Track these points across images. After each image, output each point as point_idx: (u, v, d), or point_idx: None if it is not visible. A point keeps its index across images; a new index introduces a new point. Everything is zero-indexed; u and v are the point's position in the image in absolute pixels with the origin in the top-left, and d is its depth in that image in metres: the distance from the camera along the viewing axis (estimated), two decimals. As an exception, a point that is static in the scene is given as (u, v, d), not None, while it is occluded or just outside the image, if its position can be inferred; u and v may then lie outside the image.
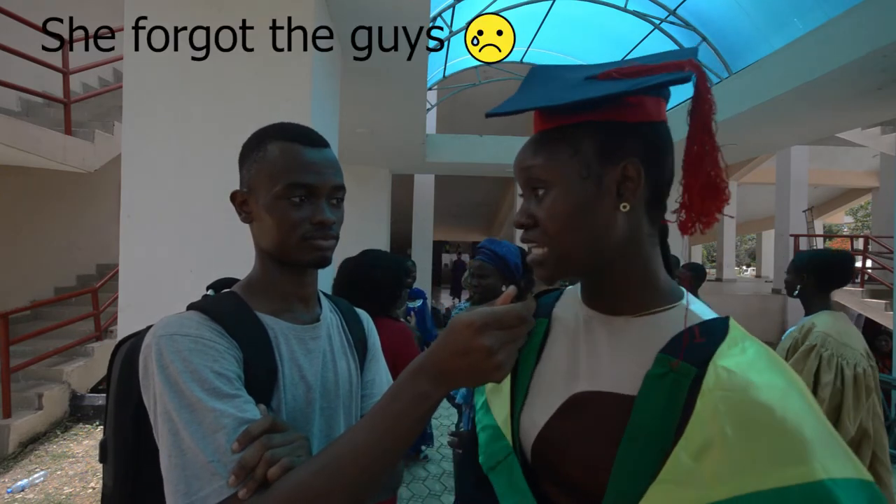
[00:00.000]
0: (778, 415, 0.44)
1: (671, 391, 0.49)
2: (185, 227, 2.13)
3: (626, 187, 0.54)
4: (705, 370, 0.48)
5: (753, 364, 0.48)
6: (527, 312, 0.50)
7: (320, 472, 0.53)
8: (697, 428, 0.46)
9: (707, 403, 0.46)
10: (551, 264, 0.57)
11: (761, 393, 0.45)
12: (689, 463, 0.45)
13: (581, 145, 0.54)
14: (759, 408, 0.44)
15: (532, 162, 0.57)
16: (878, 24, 3.19)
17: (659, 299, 0.57)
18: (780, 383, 0.47)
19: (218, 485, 0.53)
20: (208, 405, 0.56)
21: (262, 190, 0.69)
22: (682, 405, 0.48)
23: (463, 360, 0.49)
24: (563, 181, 0.55)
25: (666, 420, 0.48)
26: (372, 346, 0.87)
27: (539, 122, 0.58)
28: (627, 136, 0.54)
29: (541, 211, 0.56)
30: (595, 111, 0.54)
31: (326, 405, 0.74)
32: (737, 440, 0.44)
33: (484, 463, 0.66)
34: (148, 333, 0.63)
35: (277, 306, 0.73)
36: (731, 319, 0.54)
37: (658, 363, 0.52)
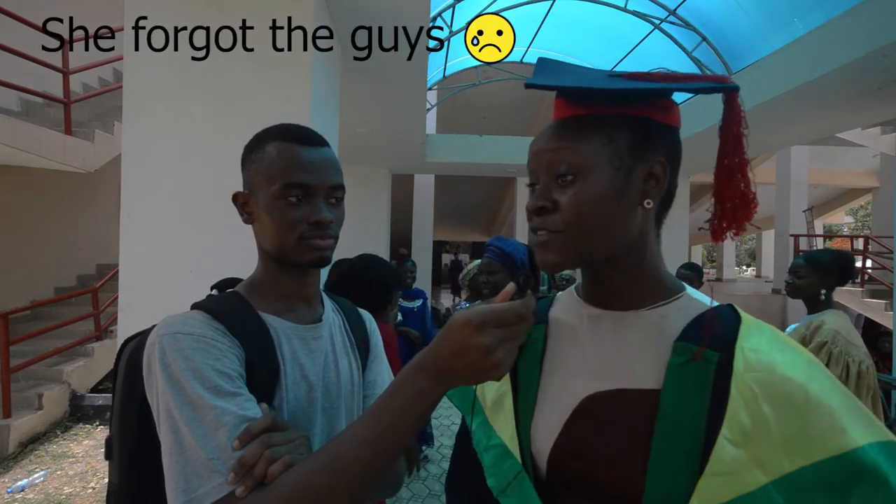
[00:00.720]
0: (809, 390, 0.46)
1: (697, 378, 0.50)
2: (185, 227, 2.13)
3: (650, 185, 0.55)
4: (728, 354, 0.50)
5: (773, 343, 0.51)
6: (526, 310, 0.49)
7: (320, 469, 0.53)
8: (736, 413, 0.47)
9: (741, 387, 0.48)
10: (565, 250, 0.56)
11: (789, 370, 0.48)
12: (734, 451, 0.47)
13: (616, 135, 0.54)
14: (791, 384, 0.47)
15: (560, 145, 0.55)
16: (878, 24, 3.19)
17: (663, 292, 0.59)
18: (802, 359, 0.50)
19: (217, 482, 0.53)
20: (210, 403, 0.57)
21: (261, 191, 0.70)
22: (710, 391, 0.49)
23: (461, 359, 0.49)
24: (595, 167, 0.54)
25: (695, 408, 0.49)
26: (374, 347, 0.87)
27: (567, 109, 0.57)
28: (659, 136, 0.55)
29: (565, 196, 0.55)
30: (632, 105, 0.55)
31: (328, 405, 0.74)
32: (776, 420, 0.46)
33: (494, 486, 0.64)
34: (152, 332, 0.63)
35: (280, 306, 0.73)
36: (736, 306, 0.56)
37: (678, 352, 0.52)
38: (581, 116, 0.56)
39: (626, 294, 0.59)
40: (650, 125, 0.55)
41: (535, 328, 0.65)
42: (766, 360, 0.49)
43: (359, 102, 4.22)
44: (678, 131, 0.58)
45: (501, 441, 0.64)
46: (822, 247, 12.05)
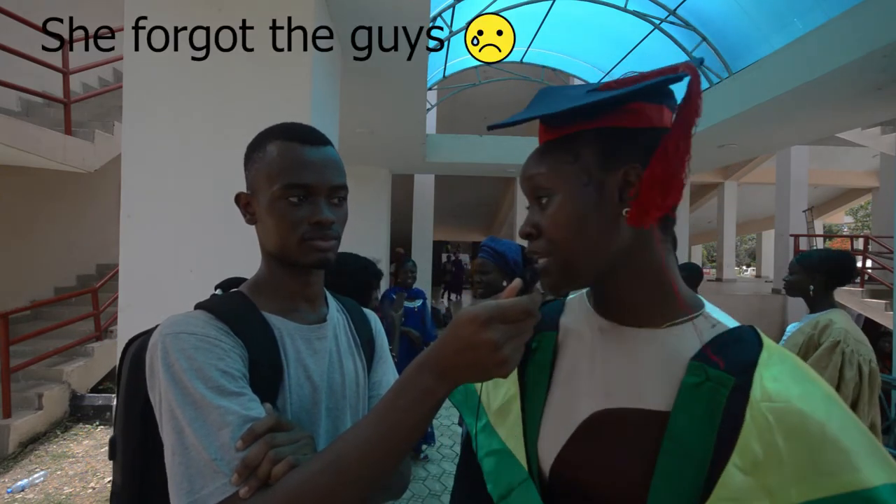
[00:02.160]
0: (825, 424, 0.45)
1: (709, 400, 0.49)
2: (185, 227, 2.13)
3: (628, 192, 0.54)
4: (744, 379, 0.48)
5: (794, 374, 0.49)
6: (532, 306, 0.49)
7: (324, 469, 0.52)
8: (748, 441, 0.46)
9: (756, 415, 0.46)
10: (556, 273, 0.56)
11: (807, 403, 0.46)
12: (742, 478, 0.45)
13: (581, 152, 0.54)
14: (807, 418, 0.45)
15: (535, 171, 0.57)
16: (878, 24, 3.19)
17: (680, 309, 0.56)
18: (820, 393, 0.48)
19: (220, 483, 0.53)
20: (213, 403, 0.56)
21: (263, 191, 0.69)
22: (720, 415, 0.48)
23: (468, 355, 0.48)
24: (564, 188, 0.55)
25: (704, 431, 0.48)
26: (380, 347, 0.87)
27: (543, 135, 0.59)
28: (627, 142, 0.54)
29: (544, 219, 0.56)
30: (594, 119, 0.54)
31: (333, 405, 0.73)
32: (789, 452, 0.45)
33: (493, 491, 0.63)
34: (155, 332, 0.63)
35: (284, 306, 0.72)
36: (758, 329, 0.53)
37: (692, 371, 0.50)
38: (551, 141, 0.57)
39: (639, 309, 0.57)
40: (617, 133, 0.54)
41: (545, 335, 0.64)
42: (785, 390, 0.47)
43: (359, 102, 4.22)
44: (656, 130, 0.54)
45: (505, 446, 0.63)
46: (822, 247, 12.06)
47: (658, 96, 0.55)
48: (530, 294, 0.50)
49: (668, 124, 0.55)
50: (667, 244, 0.57)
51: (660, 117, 0.55)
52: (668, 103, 0.56)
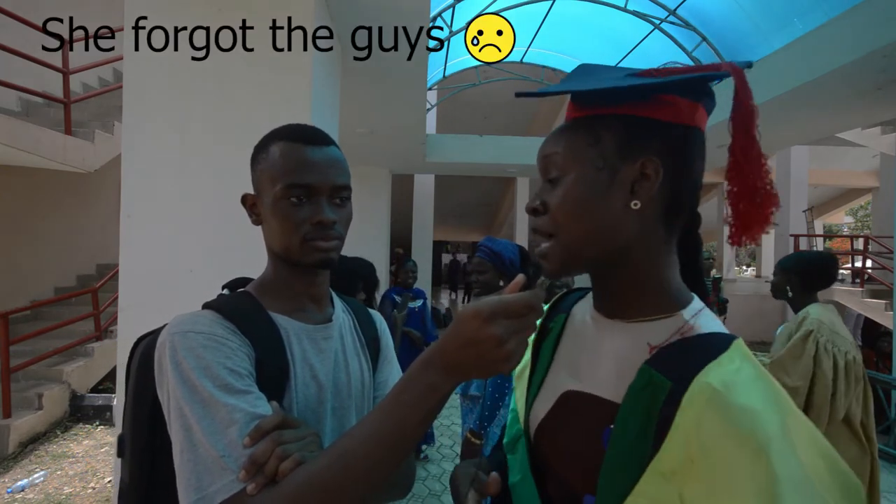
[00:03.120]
0: (755, 443, 0.41)
1: (648, 404, 0.48)
2: (185, 227, 2.13)
3: (642, 186, 0.53)
4: (683, 385, 0.46)
5: (744, 386, 0.45)
6: (536, 301, 0.48)
7: (330, 465, 0.53)
8: (673, 444, 0.45)
9: (686, 419, 0.45)
10: (556, 256, 0.56)
11: (743, 417, 0.42)
12: (661, 481, 0.45)
13: (602, 136, 0.54)
14: (737, 433, 0.41)
15: (552, 149, 0.57)
16: (878, 24, 3.19)
17: (658, 307, 0.55)
18: (765, 409, 0.43)
19: (228, 479, 0.53)
20: (220, 400, 0.57)
21: (266, 191, 0.70)
22: (656, 419, 0.47)
23: (472, 351, 0.48)
24: (577, 169, 0.54)
25: (643, 433, 0.48)
26: (385, 347, 0.87)
27: (571, 111, 0.58)
28: (652, 134, 0.53)
29: (553, 197, 0.56)
30: (624, 105, 0.53)
31: (338, 405, 0.74)
32: (709, 464, 0.42)
33: (506, 445, 0.70)
34: (163, 331, 0.64)
35: (290, 306, 0.73)
36: (739, 340, 0.50)
37: (640, 374, 0.50)
38: (576, 119, 0.56)
39: (620, 303, 0.57)
40: (644, 123, 0.53)
41: (559, 317, 0.69)
42: (723, 401, 0.43)
43: (359, 102, 4.22)
44: (691, 129, 0.53)
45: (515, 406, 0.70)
46: (822, 247, 12.05)
47: (696, 93, 0.53)
48: (533, 289, 0.50)
49: (700, 124, 0.54)
50: (668, 245, 0.56)
51: (692, 115, 0.53)
52: (706, 103, 0.54)
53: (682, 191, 0.55)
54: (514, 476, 0.65)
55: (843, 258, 9.65)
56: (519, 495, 0.64)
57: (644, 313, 0.55)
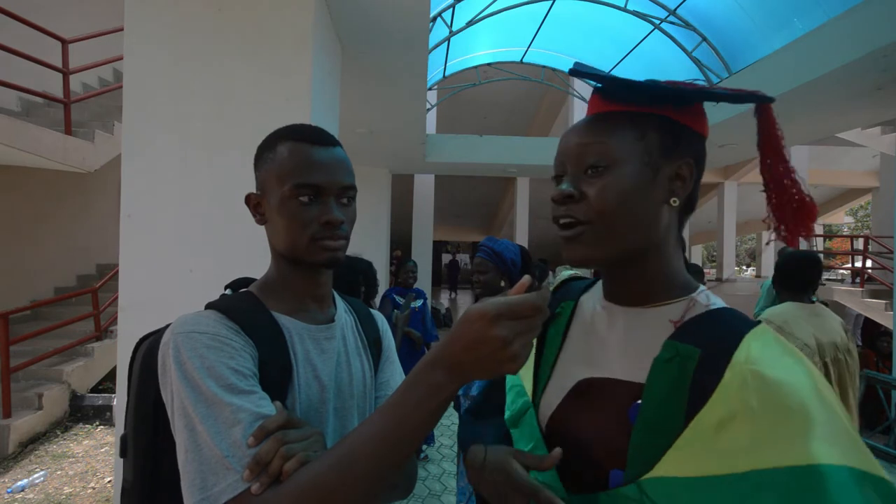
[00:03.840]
0: (801, 397, 0.45)
1: (677, 374, 0.52)
2: (185, 227, 2.13)
3: (677, 185, 0.58)
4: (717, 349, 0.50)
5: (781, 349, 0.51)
6: (542, 302, 0.49)
7: (335, 465, 0.53)
8: (722, 398, 0.47)
9: (736, 375, 0.48)
10: (593, 243, 0.58)
11: (789, 374, 0.47)
12: (709, 432, 0.47)
13: (649, 133, 0.57)
14: (786, 387, 0.46)
15: (595, 138, 0.58)
16: (878, 24, 3.19)
17: (673, 291, 0.60)
18: (803, 369, 0.49)
19: (232, 479, 0.53)
20: (225, 400, 0.57)
21: (273, 191, 0.70)
22: (688, 385, 0.50)
23: (477, 352, 0.48)
24: (626, 161, 0.57)
25: (673, 401, 0.51)
26: (387, 348, 0.87)
27: (601, 105, 0.61)
28: (688, 139, 0.58)
29: (593, 187, 0.57)
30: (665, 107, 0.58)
31: (340, 405, 0.74)
32: (762, 415, 0.45)
33: (508, 419, 0.70)
34: (166, 331, 0.64)
35: (292, 306, 0.73)
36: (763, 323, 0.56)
37: (665, 349, 0.54)
38: (615, 112, 0.59)
39: (637, 292, 0.61)
40: (681, 128, 0.58)
41: (567, 304, 0.71)
42: (770, 359, 0.48)
43: (359, 102, 4.23)
44: (704, 140, 0.60)
45: (521, 383, 0.71)
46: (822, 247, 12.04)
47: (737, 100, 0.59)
48: (539, 291, 0.50)
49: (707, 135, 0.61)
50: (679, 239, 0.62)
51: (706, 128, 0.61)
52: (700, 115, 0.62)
53: (694, 192, 0.61)
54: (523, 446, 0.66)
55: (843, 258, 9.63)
56: None
57: (663, 298, 0.60)
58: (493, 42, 7.18)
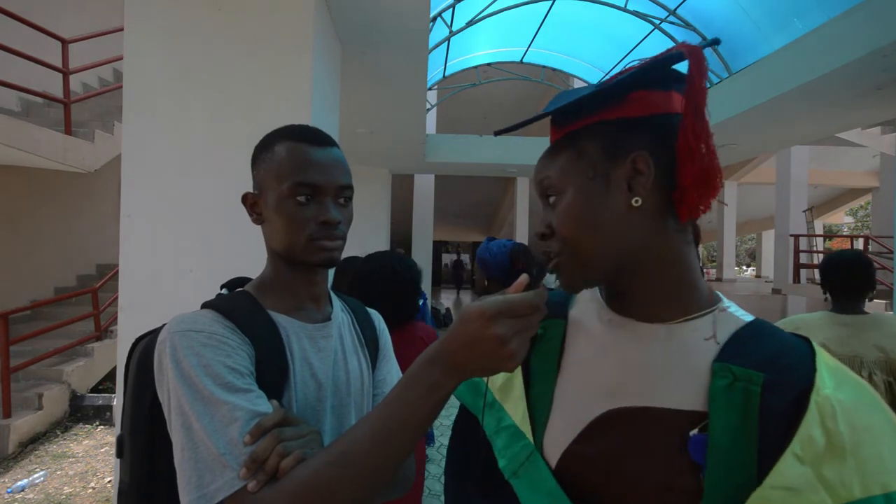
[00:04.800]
0: (884, 421, 0.44)
1: (743, 401, 0.48)
2: (185, 227, 2.13)
3: (638, 182, 0.52)
4: (775, 376, 0.48)
5: (843, 370, 0.49)
6: (539, 300, 0.49)
7: (331, 462, 0.53)
8: (809, 429, 0.45)
9: (822, 403, 0.45)
10: (571, 271, 0.56)
11: (863, 397, 0.46)
12: (801, 468, 0.44)
13: (585, 147, 0.55)
14: (873, 410, 0.45)
15: (543, 172, 0.58)
16: (878, 24, 3.19)
17: (696, 304, 0.54)
18: (868, 391, 0.48)
19: (229, 477, 0.53)
20: (221, 398, 0.57)
21: (270, 190, 0.70)
22: (756, 412, 0.47)
23: (475, 350, 0.48)
24: (571, 185, 0.55)
25: (744, 433, 0.47)
26: (384, 346, 0.88)
27: (553, 134, 0.59)
28: (633, 131, 0.53)
29: (556, 218, 0.56)
30: (598, 113, 0.54)
31: (337, 403, 0.74)
32: (853, 441, 0.43)
33: (505, 468, 0.60)
34: (163, 330, 0.64)
35: (289, 305, 0.73)
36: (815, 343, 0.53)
37: (718, 373, 0.49)
38: (558, 140, 0.58)
39: (653, 304, 0.55)
40: (621, 124, 0.53)
41: (553, 324, 0.63)
42: (840, 381, 0.47)
43: (359, 102, 4.23)
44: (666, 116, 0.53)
45: (514, 422, 0.61)
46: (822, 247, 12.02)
47: (661, 82, 0.54)
48: (537, 290, 0.50)
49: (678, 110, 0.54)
50: (685, 237, 0.55)
51: (668, 103, 0.54)
52: (678, 88, 0.54)
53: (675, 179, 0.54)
54: (532, 501, 0.56)
55: (843, 258, 9.58)
56: None
57: (685, 312, 0.54)
58: (493, 42, 7.18)
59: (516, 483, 0.59)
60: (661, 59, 0.51)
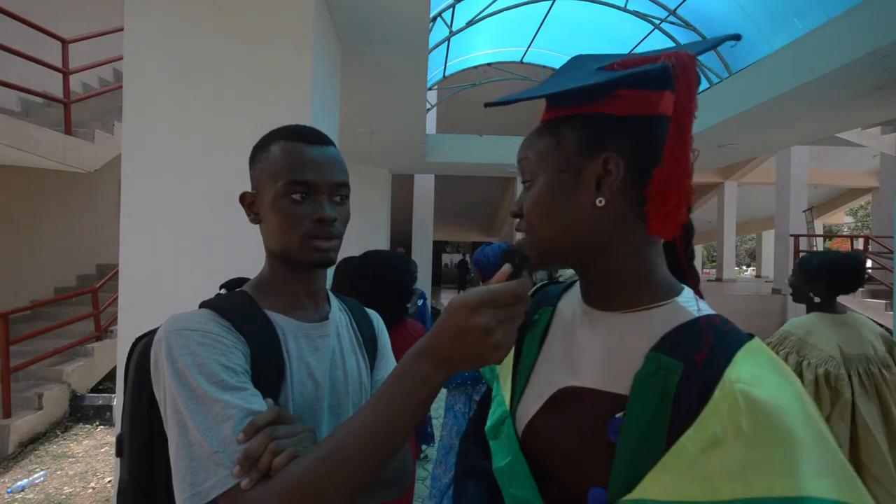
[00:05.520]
0: (792, 421, 0.42)
1: (661, 388, 0.49)
2: (185, 227, 2.13)
3: (605, 182, 0.53)
4: (694, 366, 0.48)
5: (774, 368, 0.47)
6: (522, 290, 0.49)
7: (323, 458, 0.53)
8: (710, 419, 0.44)
9: (726, 394, 0.44)
10: (530, 251, 0.58)
11: (779, 397, 0.44)
12: (695, 454, 0.44)
13: (564, 137, 0.55)
14: (778, 411, 0.42)
15: (523, 154, 0.59)
16: (878, 24, 3.19)
17: (651, 296, 0.55)
18: (792, 390, 0.46)
19: (222, 475, 0.54)
20: (215, 397, 0.57)
21: (266, 189, 0.71)
22: (671, 400, 0.48)
23: (461, 342, 0.48)
24: (544, 173, 0.56)
25: (658, 417, 0.48)
26: (382, 346, 0.88)
27: (544, 114, 0.59)
28: (612, 130, 0.53)
29: (526, 201, 0.58)
30: (584, 104, 0.54)
31: (335, 403, 0.74)
32: (752, 439, 0.42)
33: (489, 430, 0.67)
34: (159, 329, 0.64)
35: (286, 304, 0.73)
36: (756, 338, 0.52)
37: (648, 361, 0.51)
38: (545, 123, 0.59)
39: (609, 294, 0.58)
40: (603, 120, 0.53)
41: (544, 310, 0.68)
42: (761, 378, 0.45)
43: (359, 103, 4.22)
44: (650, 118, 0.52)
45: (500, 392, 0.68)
46: (823, 247, 12.03)
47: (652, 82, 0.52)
48: (519, 279, 0.50)
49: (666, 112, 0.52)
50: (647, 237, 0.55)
51: (655, 104, 0.53)
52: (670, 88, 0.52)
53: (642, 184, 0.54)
54: (500, 460, 0.63)
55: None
56: (510, 478, 0.62)
57: (639, 303, 0.56)
58: (493, 42, 7.18)
59: (493, 444, 0.66)
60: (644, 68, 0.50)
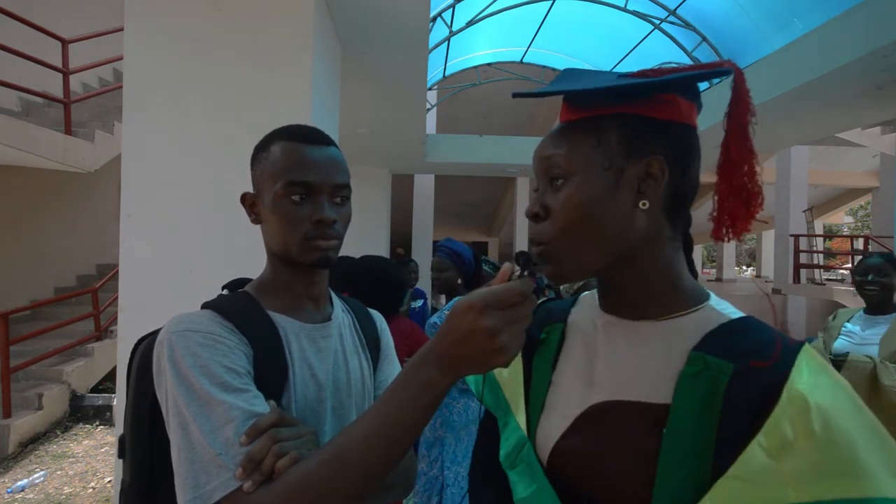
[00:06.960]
0: (854, 423, 0.42)
1: (708, 389, 0.47)
2: (185, 227, 2.13)
3: (648, 185, 0.52)
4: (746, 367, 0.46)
5: (828, 373, 0.46)
6: (525, 287, 0.48)
7: (326, 462, 0.53)
8: (779, 422, 0.43)
9: (794, 397, 0.43)
10: (560, 259, 0.54)
11: (841, 399, 0.44)
12: (765, 460, 0.42)
13: (606, 136, 0.53)
14: (842, 413, 0.43)
15: (553, 151, 0.55)
16: (878, 24, 3.19)
17: (683, 302, 0.54)
18: (847, 392, 0.45)
19: (225, 477, 0.53)
20: (217, 398, 0.57)
21: (266, 190, 0.70)
22: (720, 402, 0.46)
23: (466, 345, 0.47)
24: (583, 171, 0.53)
25: (704, 420, 0.46)
26: (385, 347, 0.87)
27: (566, 113, 0.57)
28: (655, 133, 0.52)
29: (556, 201, 0.54)
30: (625, 105, 0.53)
31: (338, 404, 0.74)
32: (825, 441, 0.41)
33: (504, 460, 0.63)
34: (161, 330, 0.64)
35: (288, 305, 0.73)
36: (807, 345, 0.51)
37: (691, 362, 0.49)
38: (575, 121, 0.56)
39: (641, 303, 0.56)
40: (645, 123, 0.52)
41: (554, 327, 0.64)
42: (820, 382, 0.44)
43: (359, 103, 4.22)
44: (688, 127, 0.54)
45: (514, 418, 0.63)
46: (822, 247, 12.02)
47: (692, 93, 0.54)
48: (522, 278, 0.49)
49: (695, 123, 0.55)
50: (676, 241, 0.56)
51: (689, 114, 0.54)
52: (697, 103, 0.55)
53: (682, 188, 0.54)
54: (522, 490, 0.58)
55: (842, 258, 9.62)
56: None
57: (673, 309, 0.54)
58: (493, 42, 7.18)
59: (512, 474, 0.61)
60: (708, 69, 0.51)
